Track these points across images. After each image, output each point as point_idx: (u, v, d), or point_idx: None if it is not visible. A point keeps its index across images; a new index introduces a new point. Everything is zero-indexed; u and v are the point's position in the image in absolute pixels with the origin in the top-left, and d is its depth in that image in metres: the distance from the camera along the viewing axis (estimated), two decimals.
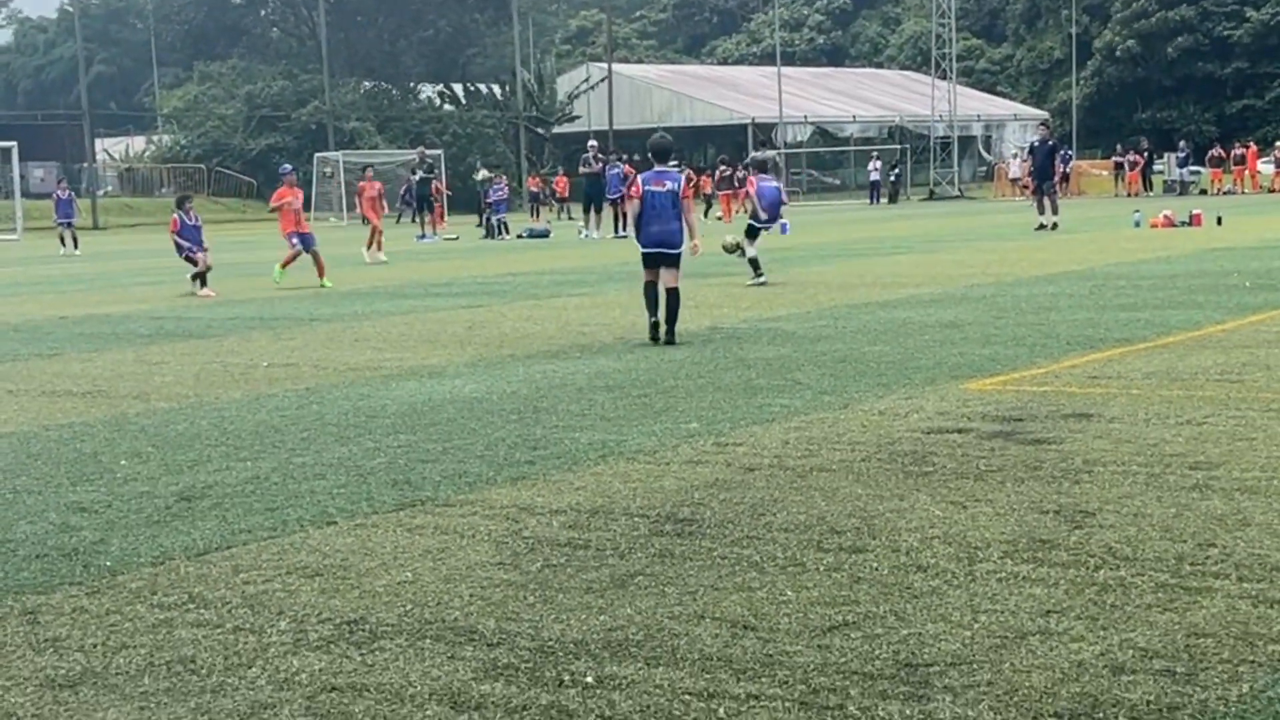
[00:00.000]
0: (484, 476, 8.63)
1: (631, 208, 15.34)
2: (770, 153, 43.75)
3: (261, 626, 5.90)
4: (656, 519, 7.43)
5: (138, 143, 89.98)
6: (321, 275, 24.52)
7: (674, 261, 15.07)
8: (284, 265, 25.18)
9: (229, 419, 11.03)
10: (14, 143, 60.95)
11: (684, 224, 15.21)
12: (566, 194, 60.84)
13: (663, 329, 14.79)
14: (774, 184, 23.82)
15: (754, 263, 21.76)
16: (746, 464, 8.73)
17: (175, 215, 25.00)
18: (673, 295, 14.95)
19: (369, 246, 32.11)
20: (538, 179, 64.45)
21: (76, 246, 44.01)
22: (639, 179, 15.40)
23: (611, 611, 5.92)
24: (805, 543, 6.89)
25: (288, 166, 28.44)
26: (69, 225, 44.70)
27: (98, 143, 78.71)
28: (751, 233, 22.28)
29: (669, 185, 15.09)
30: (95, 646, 5.71)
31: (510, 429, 10.20)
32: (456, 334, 16.52)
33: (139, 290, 25.32)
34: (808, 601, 5.98)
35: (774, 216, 23.41)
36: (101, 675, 5.38)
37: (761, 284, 21.35)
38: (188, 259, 24.19)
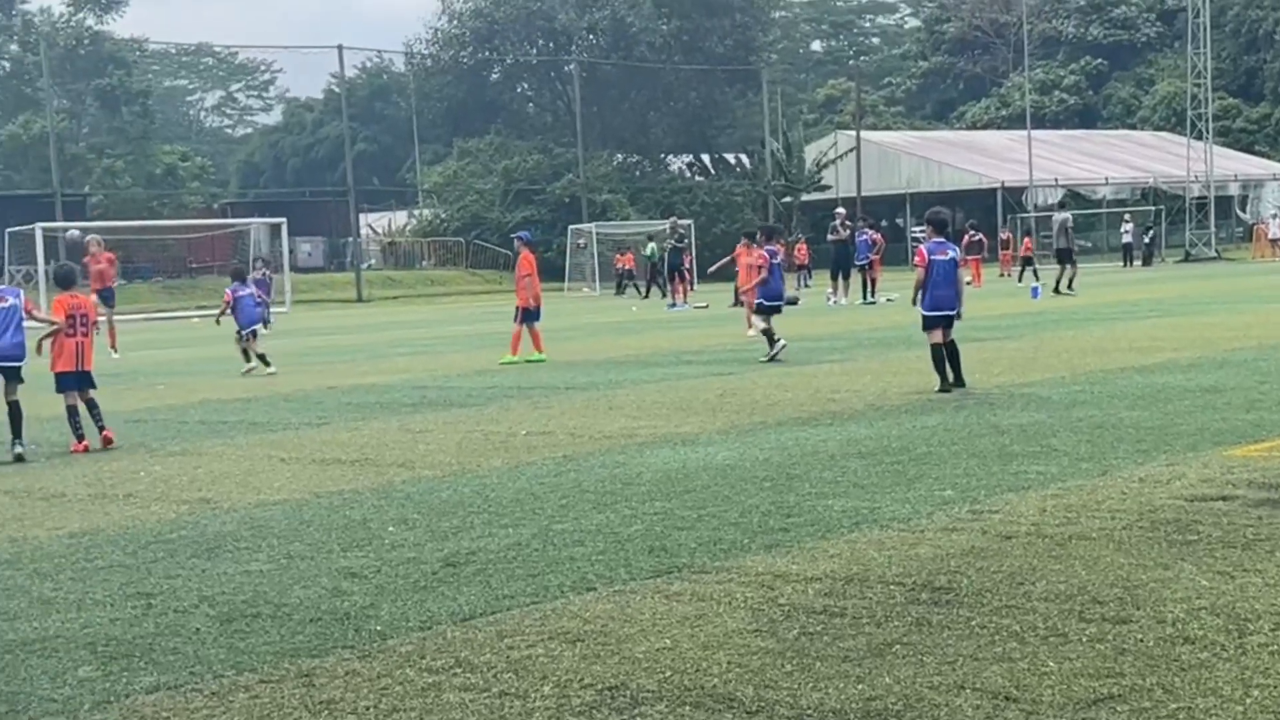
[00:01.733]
0: (739, 544, 8.70)
1: (917, 275, 16.85)
2: (1064, 214, 42.95)
3: (526, 691, 6.04)
4: (913, 587, 7.41)
5: (399, 217, 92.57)
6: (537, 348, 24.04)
7: (952, 321, 16.78)
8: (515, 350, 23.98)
9: (490, 486, 11.30)
10: (283, 219, 63.26)
11: (959, 289, 16.92)
12: (807, 261, 60.53)
13: (951, 377, 16.46)
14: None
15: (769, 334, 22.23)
16: (1003, 532, 8.65)
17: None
18: (952, 346, 16.64)
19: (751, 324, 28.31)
20: (783, 245, 64.68)
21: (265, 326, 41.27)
22: (923, 248, 16.94)
23: (870, 680, 5.93)
24: (1066, 613, 6.80)
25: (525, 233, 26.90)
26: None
27: (361, 217, 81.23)
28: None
29: (950, 254, 16.91)
30: (368, 709, 5.91)
31: (763, 496, 10.26)
32: (708, 401, 16.65)
33: (401, 361, 26.03)
34: (1071, 673, 5.90)
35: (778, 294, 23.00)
36: None
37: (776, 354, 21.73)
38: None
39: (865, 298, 41.08)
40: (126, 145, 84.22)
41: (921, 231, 61.39)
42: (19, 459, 14.27)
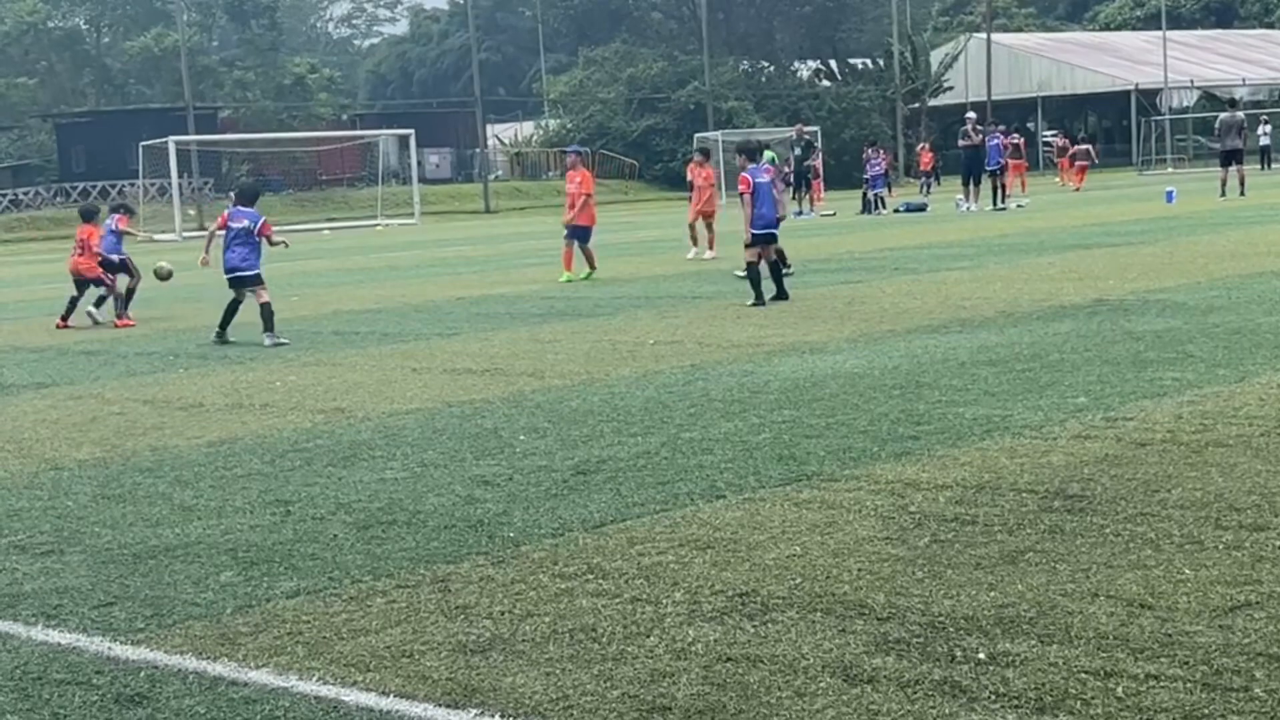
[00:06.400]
0: (868, 451, 8.68)
1: (745, 201, 17.79)
2: (1239, 114, 40.95)
3: (657, 597, 6.09)
4: (1045, 495, 7.36)
5: (526, 128, 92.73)
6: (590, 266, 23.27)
7: (774, 238, 18.10)
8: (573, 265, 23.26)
9: (619, 395, 11.36)
10: (411, 130, 63.60)
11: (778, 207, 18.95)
12: (929, 167, 59.36)
13: (775, 290, 17.75)
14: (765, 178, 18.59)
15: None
16: (1137, 439, 8.55)
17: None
18: (775, 263, 18.08)
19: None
20: (884, 153, 64.14)
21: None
22: (746, 174, 17.90)
23: (1002, 588, 5.91)
24: (1202, 520, 6.72)
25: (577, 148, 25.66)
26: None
27: (488, 128, 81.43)
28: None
29: (767, 177, 18.29)
30: (503, 614, 6.00)
31: (893, 404, 10.22)
32: (836, 310, 16.58)
33: (530, 271, 26.17)
34: (1207, 580, 5.84)
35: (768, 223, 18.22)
36: (509, 642, 5.65)
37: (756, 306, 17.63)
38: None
39: (995, 204, 40.58)
40: (256, 57, 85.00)
41: (1054, 136, 59.85)
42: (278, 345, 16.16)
